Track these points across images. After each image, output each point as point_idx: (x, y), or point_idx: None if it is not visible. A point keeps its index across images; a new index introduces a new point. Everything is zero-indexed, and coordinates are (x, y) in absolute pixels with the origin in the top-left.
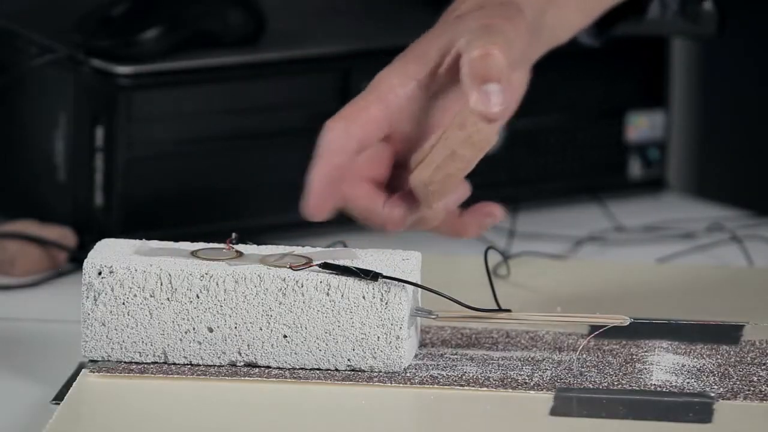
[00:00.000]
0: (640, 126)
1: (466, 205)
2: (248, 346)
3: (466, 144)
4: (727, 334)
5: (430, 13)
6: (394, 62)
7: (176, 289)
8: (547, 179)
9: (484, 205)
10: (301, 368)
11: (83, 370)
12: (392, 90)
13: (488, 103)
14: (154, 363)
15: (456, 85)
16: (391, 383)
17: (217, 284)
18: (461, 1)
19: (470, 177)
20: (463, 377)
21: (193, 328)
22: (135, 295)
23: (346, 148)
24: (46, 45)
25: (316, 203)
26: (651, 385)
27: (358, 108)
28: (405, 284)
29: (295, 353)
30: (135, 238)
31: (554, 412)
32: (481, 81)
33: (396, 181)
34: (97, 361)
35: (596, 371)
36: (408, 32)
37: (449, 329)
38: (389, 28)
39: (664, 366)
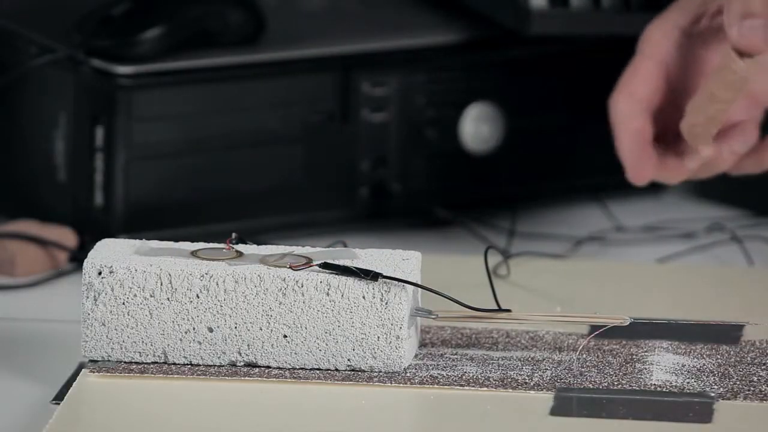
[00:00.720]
0: None
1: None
2: (248, 346)
3: (722, 84)
4: (727, 334)
5: (430, 12)
6: (654, 19)
7: (176, 289)
8: (547, 179)
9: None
10: (301, 368)
11: (83, 370)
12: (657, 44)
13: (749, 36)
14: (154, 363)
15: (719, 34)
16: (391, 383)
17: (217, 284)
18: None
19: (470, 177)
20: (463, 377)
21: (193, 328)
22: (135, 295)
23: (635, 111)
24: (46, 45)
25: (635, 171)
26: (651, 385)
27: (631, 74)
28: (405, 284)
29: (295, 353)
30: (135, 238)
31: (554, 412)
32: (743, 16)
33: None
34: (97, 361)
35: (596, 371)
36: (408, 32)
37: (449, 329)
38: (389, 28)
39: (664, 366)
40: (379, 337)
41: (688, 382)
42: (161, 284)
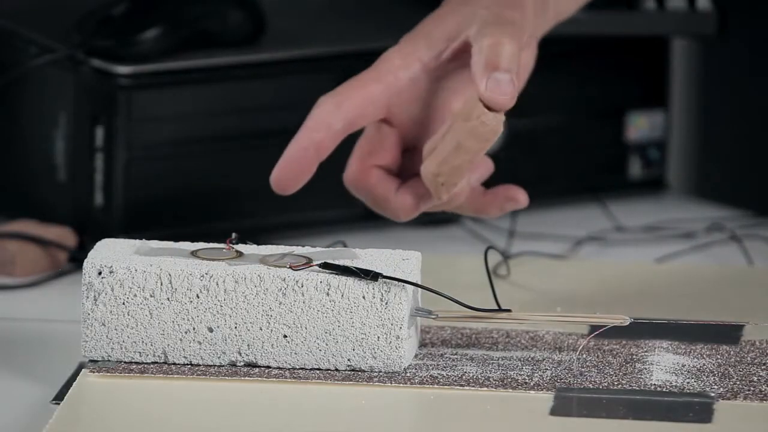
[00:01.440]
0: (640, 126)
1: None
2: (248, 346)
3: (471, 135)
4: (727, 334)
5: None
6: (399, 42)
7: (176, 289)
8: (547, 179)
9: (507, 188)
10: (301, 368)
11: (83, 370)
12: (393, 71)
13: (497, 90)
14: (154, 363)
15: (461, 72)
16: (391, 383)
17: (217, 284)
18: None
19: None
20: (463, 377)
21: (193, 328)
22: (135, 295)
23: (330, 125)
24: (46, 45)
25: (282, 174)
26: (651, 385)
27: (353, 87)
28: (405, 284)
29: (295, 353)
30: (135, 238)
31: (554, 412)
32: (492, 69)
33: (409, 166)
34: (97, 361)
35: (596, 371)
36: (408, 32)
37: (449, 329)
38: (389, 28)
39: (664, 366)
40: (379, 337)
41: (688, 382)
42: (161, 284)
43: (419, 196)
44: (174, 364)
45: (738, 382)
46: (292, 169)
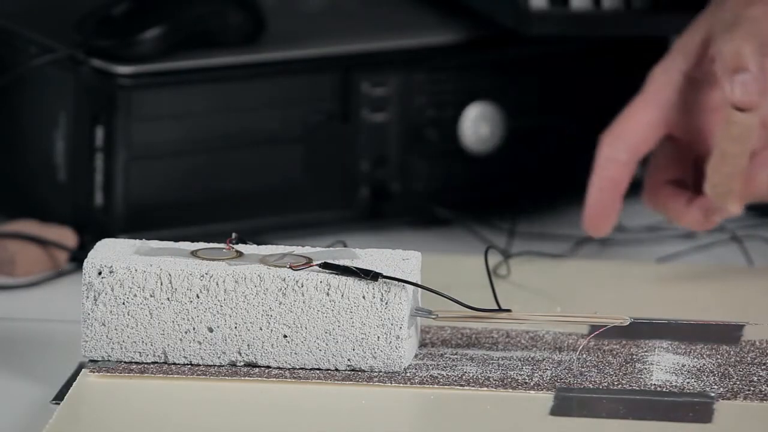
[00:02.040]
0: None
1: None
2: (248, 346)
3: (729, 139)
4: (727, 334)
5: (431, 12)
6: (663, 60)
7: (176, 289)
8: (547, 179)
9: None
10: (301, 368)
11: (83, 370)
12: (661, 89)
13: (742, 91)
14: (154, 363)
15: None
16: (391, 383)
17: (217, 284)
18: None
19: (470, 177)
20: (463, 377)
21: (193, 328)
22: (135, 295)
23: (616, 159)
24: (46, 45)
25: (593, 217)
26: (651, 385)
27: (626, 117)
28: (405, 284)
29: (295, 353)
30: (135, 238)
31: (554, 412)
32: (732, 71)
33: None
34: (97, 361)
35: (596, 371)
36: (408, 32)
37: (449, 329)
38: (389, 28)
39: (664, 366)
40: (379, 337)
41: (688, 382)
42: (161, 284)
43: (708, 209)
44: (174, 364)
45: (738, 382)
46: (598, 211)
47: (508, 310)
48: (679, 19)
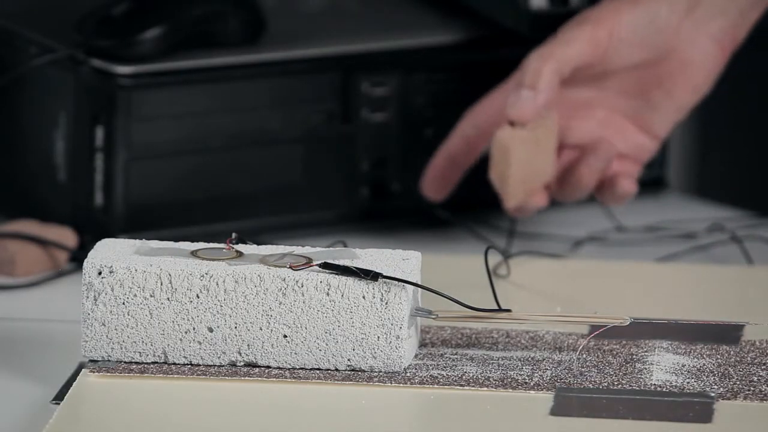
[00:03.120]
0: None
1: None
2: (248, 346)
3: (493, 146)
4: (727, 334)
5: (431, 12)
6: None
7: (176, 289)
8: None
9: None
10: (301, 368)
11: (83, 370)
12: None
13: (518, 106)
14: (154, 363)
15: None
16: (391, 383)
17: (217, 284)
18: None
19: (470, 177)
20: (463, 377)
21: (193, 328)
22: (135, 295)
23: (464, 134)
24: (46, 45)
25: (427, 184)
26: (651, 385)
27: (488, 98)
28: (405, 284)
29: (295, 353)
30: (135, 238)
31: (554, 412)
32: (520, 86)
33: None
34: (97, 361)
35: (596, 371)
36: (408, 32)
37: (449, 329)
38: (389, 28)
39: (664, 366)
40: (379, 337)
41: (688, 382)
42: (161, 284)
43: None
44: (174, 364)
45: (738, 382)
46: (437, 176)
47: (508, 310)
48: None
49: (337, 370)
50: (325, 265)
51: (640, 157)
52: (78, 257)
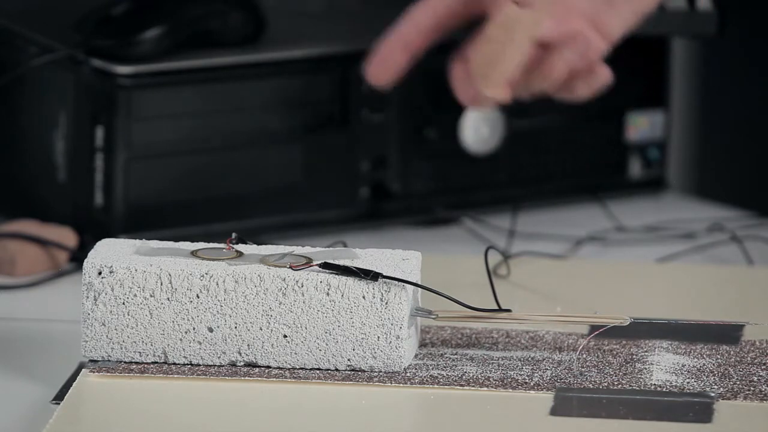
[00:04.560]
0: (640, 126)
1: None
2: (248, 346)
3: (495, 24)
4: (727, 334)
5: None
6: None
7: (176, 289)
8: (547, 179)
9: (594, 66)
10: (301, 368)
11: (83, 370)
12: None
13: None
14: (154, 363)
15: None
16: (391, 383)
17: (217, 284)
18: None
19: (470, 177)
20: (463, 377)
21: (193, 328)
22: (135, 295)
23: (414, 19)
24: (46, 45)
25: (375, 66)
26: (651, 385)
27: None
28: (405, 284)
29: (295, 353)
30: (135, 238)
31: (554, 412)
32: None
33: None
34: (97, 361)
35: (596, 371)
36: None
37: (449, 329)
38: (389, 28)
39: (664, 366)
40: (379, 337)
41: (688, 382)
42: (161, 284)
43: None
44: (174, 364)
45: (738, 382)
46: (387, 56)
47: (508, 310)
48: (680, 20)
49: (337, 370)
50: (325, 265)
51: (590, 58)
52: (78, 257)
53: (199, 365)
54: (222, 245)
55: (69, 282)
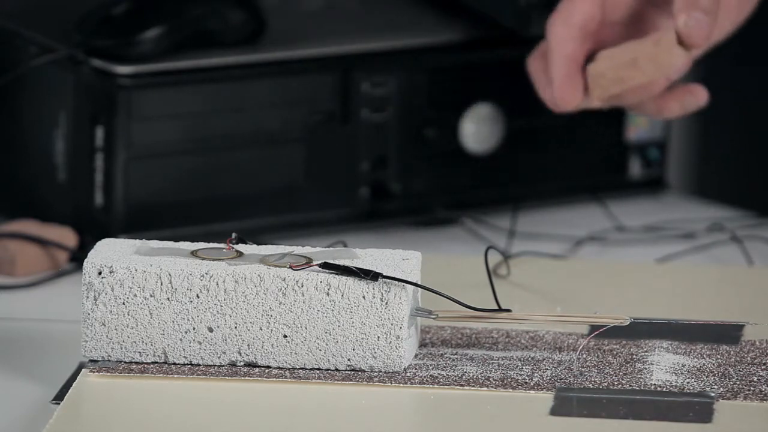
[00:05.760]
0: (640, 126)
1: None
2: (248, 346)
3: (651, 59)
4: (727, 334)
5: (431, 12)
6: None
7: (176, 289)
8: (547, 179)
9: (689, 85)
10: (301, 368)
11: (83, 370)
12: None
13: (695, 28)
14: (154, 363)
15: (669, 4)
16: (391, 383)
17: (217, 284)
18: None
19: (470, 177)
20: (463, 377)
21: (193, 328)
22: (135, 295)
23: (570, 37)
24: (46, 45)
25: (563, 96)
26: (651, 385)
27: (570, 1)
28: (405, 284)
29: (295, 353)
30: (135, 238)
31: (554, 412)
32: (692, 7)
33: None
34: (97, 361)
35: (596, 371)
36: (408, 32)
37: (449, 329)
38: (389, 28)
39: (664, 366)
40: (379, 337)
41: (688, 382)
42: (161, 284)
43: (578, 92)
44: (174, 364)
45: (738, 382)
46: (570, 86)
47: (508, 310)
48: None
49: (337, 370)
50: (325, 265)
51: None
52: (78, 257)
53: (199, 365)
54: (222, 245)
55: (69, 282)
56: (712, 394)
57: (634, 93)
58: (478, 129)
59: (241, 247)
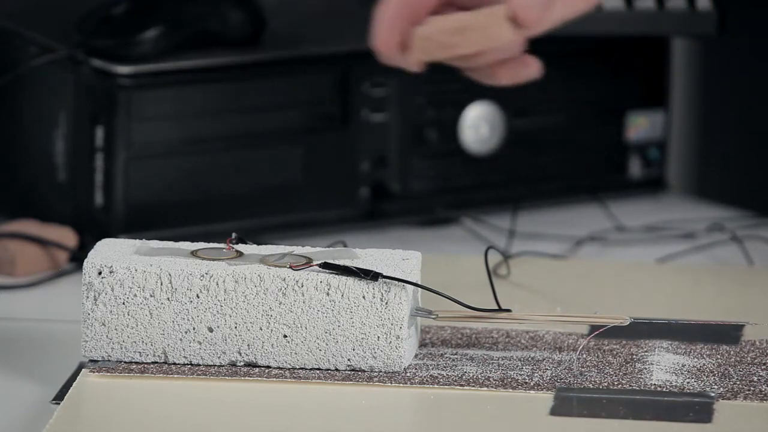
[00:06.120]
0: (640, 126)
1: None
2: (248, 346)
3: (480, 30)
4: (727, 334)
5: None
6: None
7: (176, 289)
8: (547, 179)
9: (524, 56)
10: (301, 368)
11: (83, 370)
12: None
13: (527, 9)
14: (154, 363)
15: None
16: (391, 383)
17: (217, 284)
18: None
19: (470, 177)
20: (463, 377)
21: (193, 328)
22: (135, 295)
23: None
24: (46, 45)
25: (379, 42)
26: (651, 385)
27: None
28: (405, 284)
29: (295, 353)
30: (135, 238)
31: (554, 412)
32: None
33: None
34: (97, 361)
35: (596, 371)
36: None
37: (449, 329)
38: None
39: (664, 366)
40: (379, 337)
41: (688, 382)
42: (161, 284)
43: (394, 40)
44: (174, 364)
45: (738, 382)
46: (390, 32)
47: (508, 310)
48: (680, 20)
49: (337, 370)
50: (325, 265)
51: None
52: (78, 257)
53: (199, 365)
54: (222, 245)
55: (69, 282)
56: (712, 394)
57: (460, 61)
58: (478, 129)
59: (241, 247)
